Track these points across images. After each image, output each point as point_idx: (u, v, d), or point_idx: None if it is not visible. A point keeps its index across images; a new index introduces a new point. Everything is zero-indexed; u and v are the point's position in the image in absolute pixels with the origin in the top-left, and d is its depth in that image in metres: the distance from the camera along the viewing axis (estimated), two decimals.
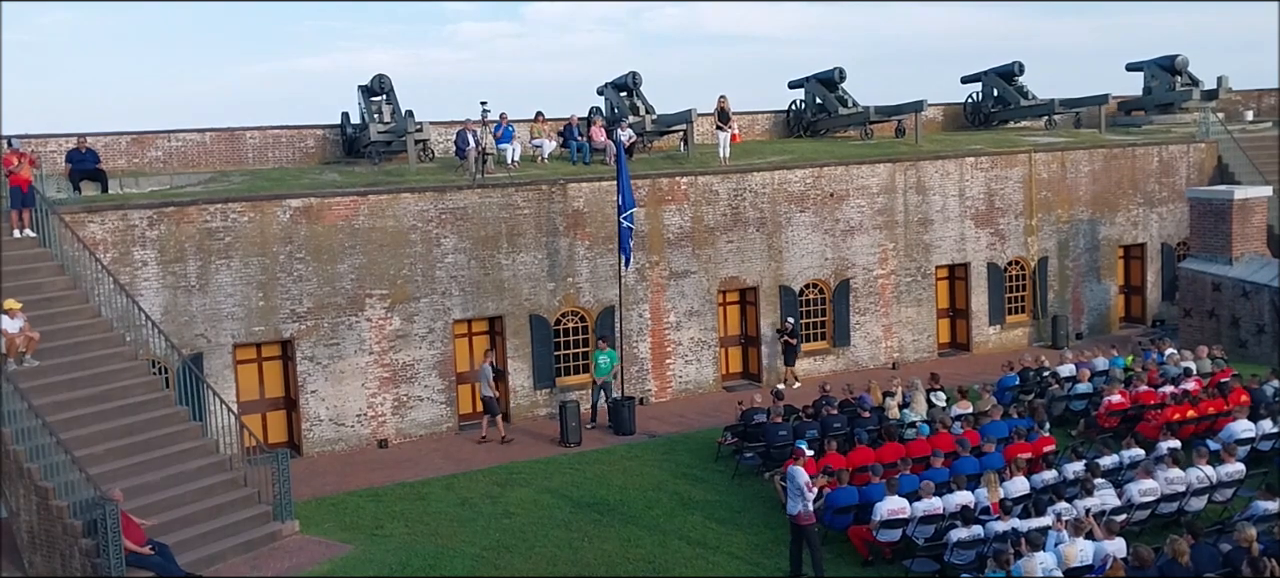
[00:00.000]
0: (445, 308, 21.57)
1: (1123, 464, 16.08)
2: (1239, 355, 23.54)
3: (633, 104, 28.01)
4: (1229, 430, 17.19)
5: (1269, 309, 23.84)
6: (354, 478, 18.80)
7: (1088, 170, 28.37)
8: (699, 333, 24.02)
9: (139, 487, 14.96)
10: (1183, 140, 30.17)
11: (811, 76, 31.81)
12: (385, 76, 25.66)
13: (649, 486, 17.73)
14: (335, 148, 26.65)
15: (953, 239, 26.67)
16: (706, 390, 24.03)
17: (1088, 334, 28.11)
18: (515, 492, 17.57)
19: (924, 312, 26.47)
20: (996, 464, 15.85)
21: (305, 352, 20.47)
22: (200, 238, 19.67)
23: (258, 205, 20.15)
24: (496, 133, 24.59)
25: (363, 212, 20.87)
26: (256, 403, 20.76)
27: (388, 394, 21.13)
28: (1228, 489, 15.55)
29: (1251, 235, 25.33)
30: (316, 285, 20.49)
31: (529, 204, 22.29)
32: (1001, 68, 33.64)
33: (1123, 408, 18.94)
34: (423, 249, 21.33)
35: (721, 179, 24.15)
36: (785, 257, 24.78)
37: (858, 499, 15.14)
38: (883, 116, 30.41)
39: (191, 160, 25.07)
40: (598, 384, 21.58)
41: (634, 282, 23.07)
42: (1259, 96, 36.74)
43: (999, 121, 33.63)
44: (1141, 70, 35.09)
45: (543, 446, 20.36)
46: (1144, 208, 29.14)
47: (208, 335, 19.77)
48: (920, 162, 26.37)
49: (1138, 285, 29.54)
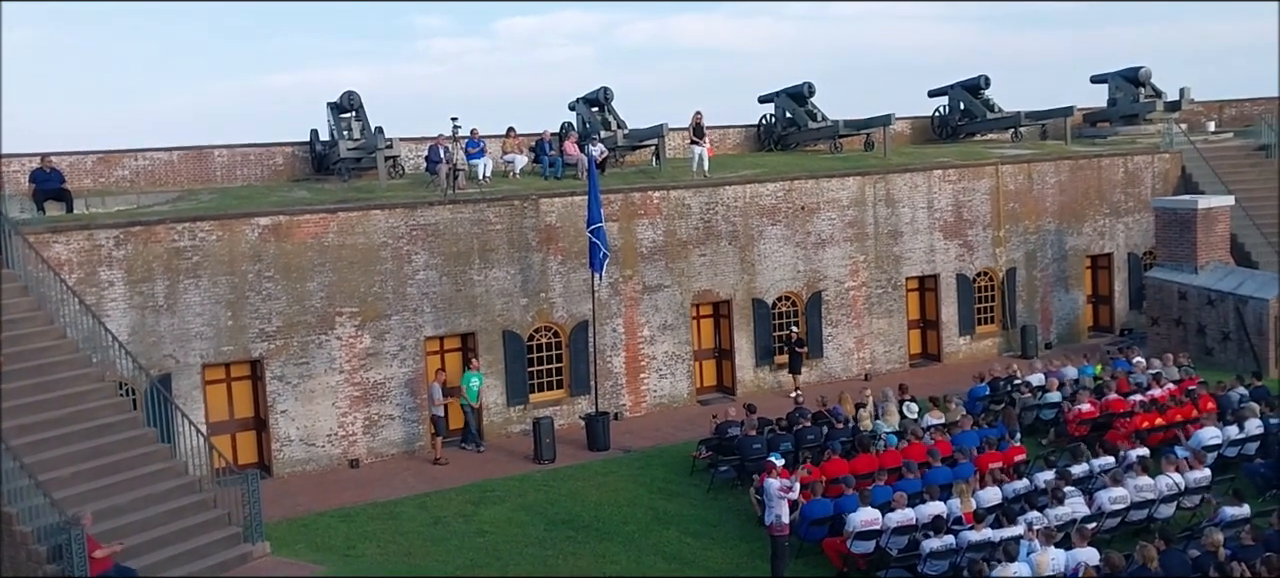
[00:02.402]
0: (417, 325, 21.45)
1: (1093, 472, 16.24)
2: (1205, 363, 23.83)
3: (604, 119, 28.05)
4: (1197, 437, 17.41)
5: (1234, 317, 24.17)
6: (325, 498, 18.63)
7: (1054, 181, 28.68)
8: (673, 347, 24.03)
9: (107, 510, 14.75)
10: (1147, 151, 30.57)
11: (781, 91, 31.98)
12: (354, 93, 25.56)
13: (624, 501, 17.70)
14: (305, 165, 26.48)
15: (922, 251, 26.87)
16: (681, 404, 24.03)
17: (1057, 344, 28.37)
18: (489, 510, 17.48)
19: (895, 323, 26.62)
20: (968, 474, 15.96)
21: (275, 371, 20.29)
22: (168, 257, 19.47)
23: (226, 224, 19.99)
24: (468, 148, 24.53)
25: (332, 229, 20.75)
26: (226, 424, 20.54)
27: (359, 413, 20.97)
28: (1196, 496, 15.73)
29: (1215, 244, 25.67)
30: (286, 304, 20.33)
31: (501, 219, 22.24)
32: (968, 81, 33.97)
33: (1092, 416, 19.13)
34: (393, 266, 21.22)
35: (694, 193, 24.21)
36: (758, 270, 24.86)
37: (832, 511, 15.20)
38: (852, 130, 30.61)
39: (159, 179, 24.84)
40: (470, 408, 21.28)
41: (607, 296, 23.06)
42: (1220, 108, 37.30)
43: (966, 134, 33.95)
44: (1106, 82, 35.52)
45: (516, 462, 20.28)
46: (1110, 218, 29.48)
47: (176, 356, 19.55)
48: (889, 174, 26.56)
49: (1105, 295, 29.85)
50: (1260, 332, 23.65)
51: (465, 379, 21.24)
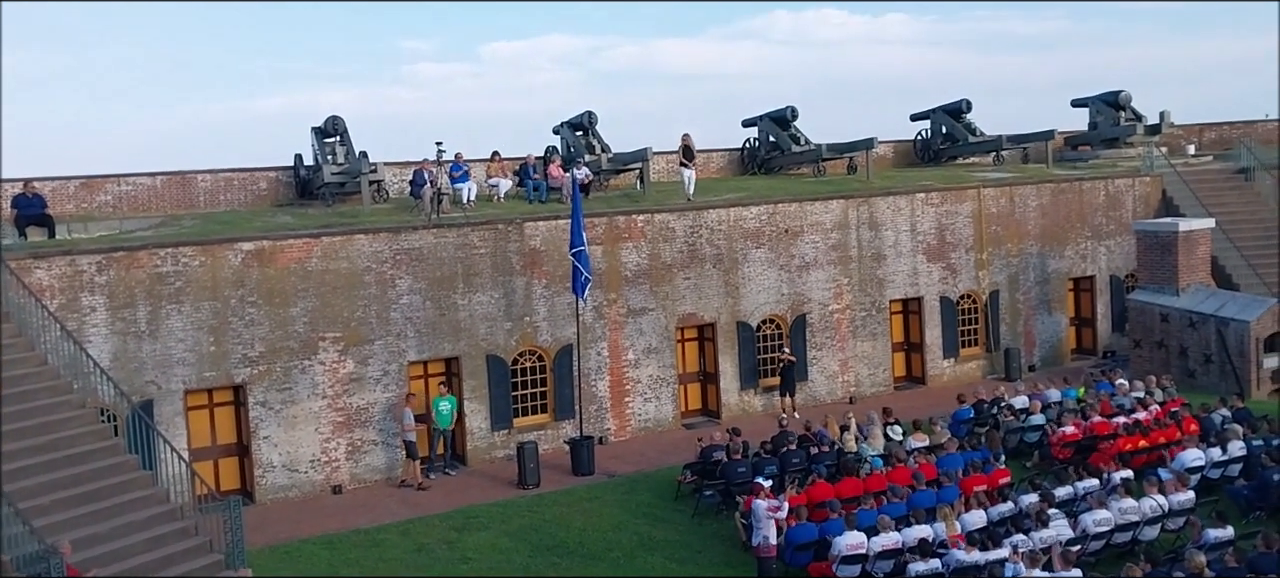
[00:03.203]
0: (400, 350, 21.38)
1: (1077, 495, 16.28)
2: (1188, 385, 23.96)
3: (589, 142, 28.12)
4: (1180, 460, 17.49)
5: (1215, 339, 24.32)
6: (308, 525, 18.49)
7: (1036, 205, 28.86)
8: (657, 370, 24.01)
9: (87, 538, 14.59)
10: (1128, 174, 30.81)
11: (765, 115, 32.14)
12: (339, 118, 25.56)
13: (609, 527, 17.63)
14: (288, 190, 26.43)
15: (906, 274, 26.97)
16: (666, 428, 23.99)
17: (1040, 366, 28.47)
18: (473, 536, 17.39)
19: (879, 346, 26.68)
20: (953, 497, 15.97)
21: (258, 397, 20.17)
22: (150, 283, 19.37)
23: (209, 249, 19.91)
24: (453, 172, 24.53)
25: (316, 254, 20.68)
26: (208, 450, 20.40)
27: (342, 439, 20.85)
28: (1180, 518, 15.78)
29: (1196, 267, 25.86)
30: (269, 329, 20.23)
31: (485, 243, 22.23)
32: (950, 105, 34.21)
33: (1076, 439, 19.19)
34: (377, 291, 21.16)
35: (678, 216, 24.26)
36: (742, 293, 24.90)
37: (817, 535, 15.17)
38: (835, 154, 30.77)
39: (142, 204, 24.74)
40: (439, 433, 21.21)
41: (592, 320, 23.05)
42: (1200, 131, 37.66)
43: (948, 158, 34.16)
44: (1086, 106, 35.84)
45: (501, 488, 20.18)
46: (1092, 241, 29.67)
47: (158, 382, 19.42)
48: (872, 198, 26.68)
49: (1088, 317, 30.01)
50: (1242, 354, 23.80)
51: (435, 404, 21.17)
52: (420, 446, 21.35)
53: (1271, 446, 17.84)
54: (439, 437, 21.30)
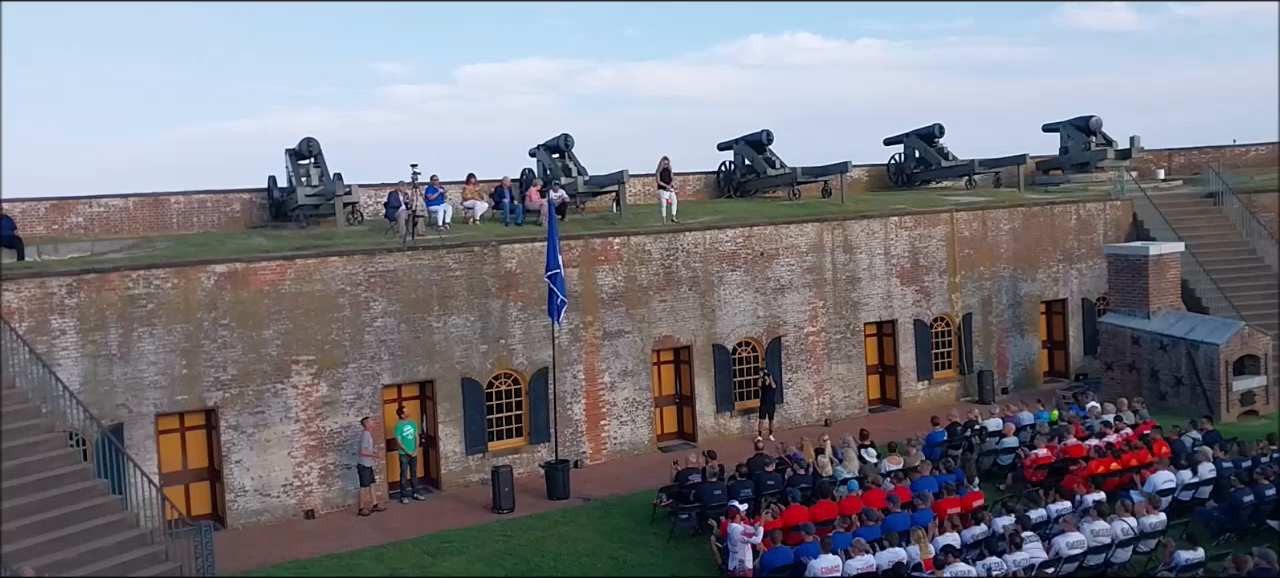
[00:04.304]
0: (374, 373, 21.26)
1: (1050, 518, 16.35)
2: (1159, 407, 24.16)
3: (565, 165, 28.14)
4: (1151, 482, 17.61)
5: (1186, 362, 24.56)
6: (280, 550, 18.31)
7: (1008, 228, 29.12)
8: (634, 393, 23.98)
9: (55, 564, 14.39)
10: (1099, 198, 31.16)
11: (740, 138, 32.32)
12: (313, 140, 25.48)
13: (584, 551, 17.55)
14: (262, 212, 26.29)
15: (880, 296, 27.12)
16: (642, 451, 23.95)
17: (1013, 389, 28.66)
18: (446, 561, 17.26)
19: (854, 368, 26.78)
20: (927, 520, 16.01)
21: (230, 420, 20.00)
22: (122, 305, 19.20)
23: (182, 271, 19.76)
24: (428, 195, 24.49)
25: (289, 276, 20.57)
26: (179, 474, 20.18)
27: (314, 463, 20.68)
28: (1151, 540, 15.88)
29: (1167, 290, 26.14)
30: (241, 352, 20.08)
31: (460, 266, 22.17)
32: (923, 129, 34.53)
33: (1049, 461, 19.30)
34: (351, 313, 21.05)
35: (654, 239, 24.31)
36: (718, 315, 24.95)
37: (792, 559, 15.16)
38: (810, 177, 30.95)
39: (114, 226, 24.54)
40: (407, 457, 21.10)
41: (568, 343, 23.01)
42: (1169, 156, 38.17)
43: (921, 181, 34.43)
44: (1058, 131, 36.25)
45: (475, 512, 20.07)
46: (1064, 264, 29.95)
47: (129, 405, 19.22)
48: (847, 221, 26.85)
49: (1060, 340, 30.25)
50: (1212, 376, 24.05)
51: (398, 428, 21.05)
52: (391, 471, 21.21)
53: (1241, 468, 18.01)
54: (405, 462, 21.16)
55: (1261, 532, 16.70)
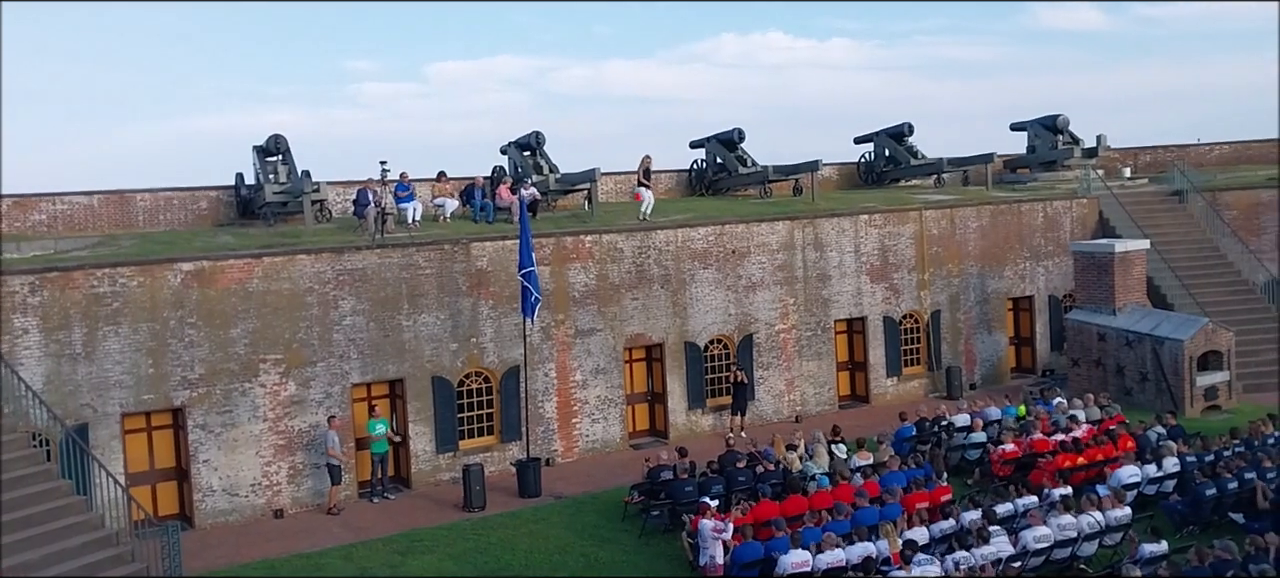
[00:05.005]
0: (343, 372, 21.12)
1: (1017, 512, 16.51)
2: (1125, 403, 24.42)
3: (536, 163, 28.09)
4: (1117, 476, 17.81)
5: (1151, 358, 24.86)
6: (248, 550, 18.17)
7: (976, 226, 29.35)
8: (605, 391, 23.98)
9: (18, 566, 14.22)
10: (1066, 197, 31.46)
11: (712, 137, 32.38)
12: (281, 137, 25.28)
13: (555, 549, 17.54)
14: (230, 209, 26.06)
15: (850, 294, 27.26)
16: (613, 449, 23.95)
17: (981, 384, 28.89)
18: (416, 560, 17.19)
19: (824, 365, 26.91)
20: (896, 514, 16.12)
21: (197, 420, 19.81)
22: (86, 304, 18.97)
23: (148, 269, 19.55)
24: (397, 192, 24.36)
25: (257, 274, 20.40)
26: (146, 474, 19.97)
27: (283, 462, 20.53)
28: (1117, 533, 16.07)
29: (1132, 287, 26.43)
30: (209, 351, 19.89)
31: (430, 264, 22.08)
32: (892, 128, 34.73)
33: (1016, 456, 19.48)
34: (320, 312, 20.91)
35: (626, 237, 24.31)
36: (690, 313, 24.98)
37: (763, 554, 15.22)
38: (781, 176, 31.06)
39: (78, 224, 24.24)
40: (378, 457, 20.99)
41: (539, 341, 22.97)
42: (1135, 154, 38.60)
43: (891, 180, 34.64)
44: (1025, 130, 36.57)
45: (445, 511, 20.00)
46: (1031, 261, 30.22)
47: (94, 405, 18.99)
48: (817, 219, 26.97)
49: (1027, 336, 30.52)
50: (1176, 372, 24.35)
51: (371, 427, 20.93)
52: (361, 470, 21.09)
53: (1204, 462, 18.26)
54: (376, 461, 21.04)
55: (1223, 524, 16.95)
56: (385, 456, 21.18)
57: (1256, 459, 18.05)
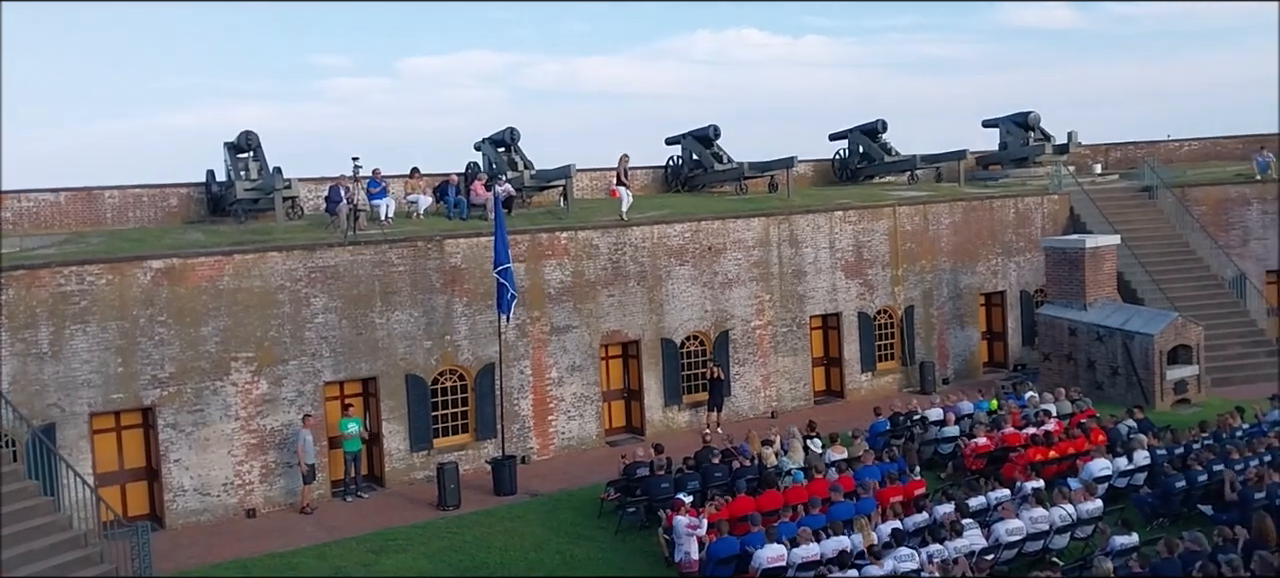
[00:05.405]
0: (315, 370, 20.97)
1: (990, 505, 16.60)
2: (1096, 397, 24.60)
3: (511, 159, 27.98)
4: (1088, 469, 17.95)
5: (1121, 352, 25.08)
6: (220, 550, 18.00)
7: (949, 222, 29.51)
8: (581, 388, 23.93)
9: None
10: (1037, 193, 31.68)
11: (688, 133, 32.37)
12: (252, 133, 25.06)
13: (530, 546, 17.48)
14: (200, 206, 25.80)
15: (825, 290, 27.34)
16: (590, 446, 23.91)
17: (954, 379, 29.06)
18: (391, 559, 17.09)
19: (800, 361, 26.98)
20: (870, 508, 16.18)
21: (167, 419, 19.60)
22: (53, 302, 18.72)
23: (117, 267, 19.32)
24: (370, 189, 24.20)
25: (228, 272, 20.21)
26: (115, 474, 19.73)
27: (255, 461, 20.36)
28: (1088, 526, 16.19)
29: (1103, 282, 26.66)
30: (179, 349, 19.69)
31: (404, 261, 21.95)
32: (866, 125, 34.84)
33: (988, 450, 19.60)
34: (291, 310, 20.74)
35: (602, 233, 24.26)
36: (666, 310, 24.97)
37: (738, 549, 15.23)
38: (756, 172, 31.10)
39: (44, 222, 23.92)
40: (351, 456, 20.85)
41: (515, 338, 22.89)
42: (1106, 150, 38.92)
43: (865, 177, 34.76)
44: (997, 126, 36.79)
45: (420, 510, 19.89)
46: (1003, 257, 30.42)
47: (62, 405, 18.75)
48: (793, 215, 27.02)
49: (999, 331, 30.73)
50: (1147, 366, 24.57)
51: (343, 425, 20.80)
52: (334, 469, 20.95)
53: (1174, 455, 18.44)
54: (349, 459, 20.90)
55: (1193, 516, 17.14)
56: (358, 454, 21.04)
57: (1225, 452, 18.25)
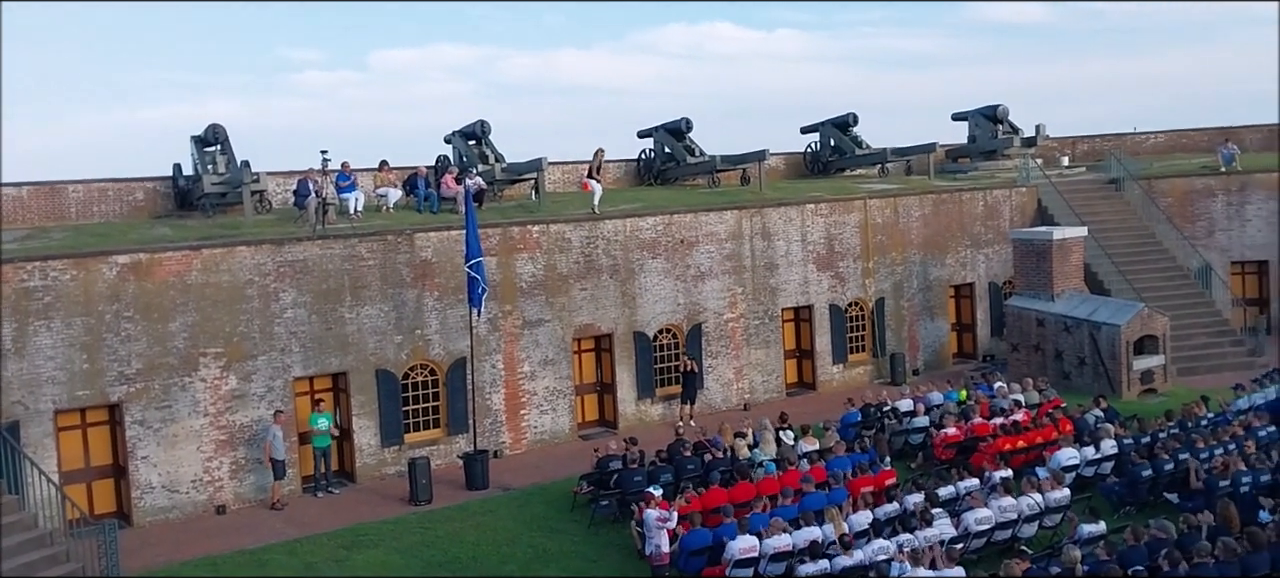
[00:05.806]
0: (285, 365, 20.80)
1: (959, 494, 16.74)
2: (1064, 387, 24.87)
3: (482, 152, 27.86)
4: (1056, 458, 18.13)
5: (1089, 342, 25.33)
6: (189, 547, 17.83)
7: (919, 215, 29.69)
8: (554, 382, 23.88)
9: None
10: (1005, 185, 31.94)
11: (660, 126, 32.36)
12: (220, 126, 24.78)
13: (503, 540, 17.45)
14: (167, 201, 25.50)
15: (797, 282, 27.43)
16: (563, 440, 23.87)
17: (924, 370, 29.26)
18: (362, 554, 17.00)
19: (772, 353, 27.06)
20: (841, 499, 16.27)
21: (135, 416, 19.39)
22: (16, 298, 18.45)
23: (81, 262, 19.07)
24: (339, 182, 24.02)
25: (195, 267, 20.01)
26: (81, 472, 19.49)
27: (225, 457, 20.18)
28: (1057, 514, 16.36)
29: (1070, 273, 26.91)
30: (146, 345, 19.47)
31: (374, 255, 21.81)
32: (837, 119, 34.99)
33: (957, 440, 19.75)
34: (260, 304, 20.56)
35: (574, 227, 24.21)
36: (639, 303, 24.97)
37: (711, 541, 15.27)
38: (728, 165, 31.16)
39: (7, 217, 23.52)
40: (321, 451, 20.71)
41: (486, 332, 22.81)
42: (1073, 143, 39.32)
43: (836, 170, 34.92)
44: (966, 120, 37.06)
45: (392, 505, 19.80)
46: (972, 249, 30.65)
47: (25, 402, 18.49)
48: (765, 208, 27.09)
49: (969, 323, 30.97)
50: (1113, 356, 24.83)
51: (313, 421, 20.66)
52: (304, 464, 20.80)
53: (1141, 444, 18.65)
54: (319, 455, 20.76)
55: (1159, 504, 17.35)
56: (328, 449, 20.90)
57: (1190, 441, 18.48)
